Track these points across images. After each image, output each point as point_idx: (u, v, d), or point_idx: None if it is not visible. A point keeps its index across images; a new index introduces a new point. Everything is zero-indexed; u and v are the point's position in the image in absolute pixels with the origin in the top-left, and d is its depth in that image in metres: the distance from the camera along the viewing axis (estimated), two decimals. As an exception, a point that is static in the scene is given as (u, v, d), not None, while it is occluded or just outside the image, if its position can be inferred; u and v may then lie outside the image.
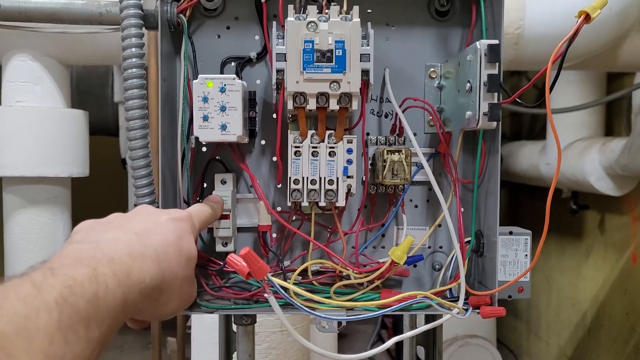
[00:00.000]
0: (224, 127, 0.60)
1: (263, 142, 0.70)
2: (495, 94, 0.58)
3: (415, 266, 0.72)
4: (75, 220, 1.61)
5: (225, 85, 0.60)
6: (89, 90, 2.52)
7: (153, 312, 0.47)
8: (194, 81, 0.60)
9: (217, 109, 0.60)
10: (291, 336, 1.36)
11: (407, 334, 0.60)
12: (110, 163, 2.86)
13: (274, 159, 0.70)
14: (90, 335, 0.35)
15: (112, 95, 2.52)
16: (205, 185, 0.68)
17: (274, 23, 0.63)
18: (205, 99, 0.60)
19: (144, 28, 0.63)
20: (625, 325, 2.20)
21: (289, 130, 0.63)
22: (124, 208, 0.65)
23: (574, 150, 2.12)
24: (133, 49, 0.60)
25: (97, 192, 2.97)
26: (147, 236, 0.45)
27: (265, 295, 0.50)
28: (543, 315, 2.83)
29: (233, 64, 0.69)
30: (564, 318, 2.64)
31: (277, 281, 0.50)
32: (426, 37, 0.70)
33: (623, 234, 2.21)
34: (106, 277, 0.38)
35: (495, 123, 0.58)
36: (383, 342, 3.14)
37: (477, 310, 0.63)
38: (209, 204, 0.61)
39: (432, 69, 0.70)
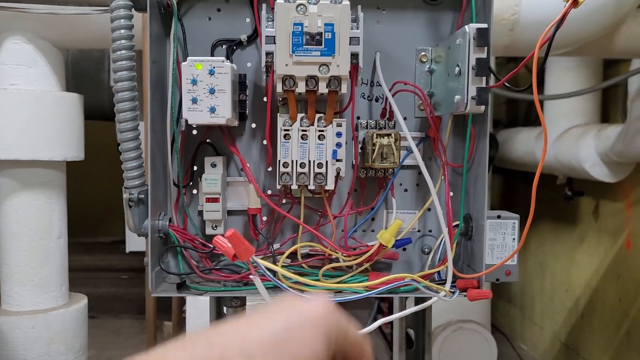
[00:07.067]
0: (213, 110, 0.60)
1: (254, 125, 0.70)
2: (484, 78, 0.58)
3: (404, 249, 0.72)
4: (71, 204, 1.61)
5: (214, 67, 0.60)
6: (84, 74, 2.51)
7: None
8: (183, 63, 0.60)
9: (206, 92, 0.60)
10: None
11: (393, 316, 0.60)
12: (106, 147, 2.86)
13: (264, 142, 0.70)
14: None
15: (108, 79, 2.52)
16: (195, 168, 0.69)
17: (264, 5, 0.63)
18: (194, 82, 0.60)
19: (133, 10, 0.63)
20: (617, 310, 2.22)
21: (278, 114, 0.64)
22: (119, 192, 0.65)
23: (569, 137, 2.12)
24: (122, 31, 0.60)
25: (92, 176, 2.97)
26: None
27: (251, 276, 0.51)
28: (537, 300, 2.86)
29: (224, 46, 0.69)
30: (557, 303, 2.66)
31: (263, 263, 0.51)
32: (417, 21, 0.70)
33: (617, 220, 2.22)
34: None
35: (483, 107, 0.59)
36: (380, 327, 3.16)
37: (464, 293, 0.63)
38: None
39: (422, 53, 0.70)
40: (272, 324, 0.31)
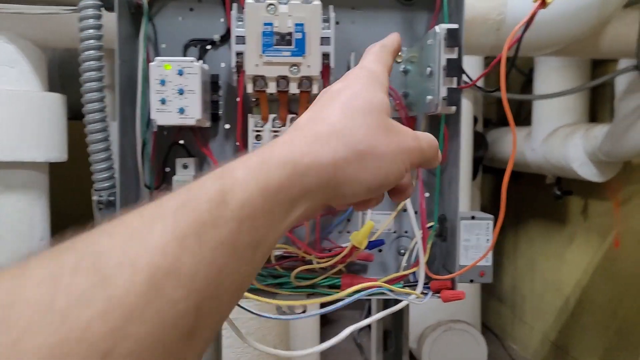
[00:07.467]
0: (182, 111, 0.60)
1: (227, 126, 0.69)
2: (455, 78, 0.57)
3: (380, 250, 0.72)
4: (53, 206, 1.60)
5: (183, 68, 0.59)
6: (72, 74, 2.49)
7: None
8: (151, 64, 0.60)
9: (175, 92, 0.59)
10: (269, 322, 1.36)
11: (362, 323, 0.60)
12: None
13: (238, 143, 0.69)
14: (218, 237, 0.29)
15: (96, 79, 2.49)
16: (167, 169, 0.68)
17: (235, 5, 0.62)
18: (162, 82, 0.59)
19: (103, 10, 0.62)
20: (607, 309, 2.23)
21: (249, 115, 0.63)
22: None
23: (557, 137, 2.13)
24: (90, 31, 0.59)
25: (77, 178, 2.95)
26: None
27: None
28: (527, 299, 2.86)
29: (197, 46, 0.68)
30: (547, 303, 2.67)
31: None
32: (392, 21, 0.70)
33: (606, 220, 2.23)
34: (235, 170, 0.33)
35: (454, 108, 0.58)
36: (370, 328, 3.14)
37: (438, 295, 0.63)
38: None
39: (398, 53, 0.69)
40: (334, 114, 0.39)
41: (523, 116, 2.72)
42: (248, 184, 0.32)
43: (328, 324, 2.78)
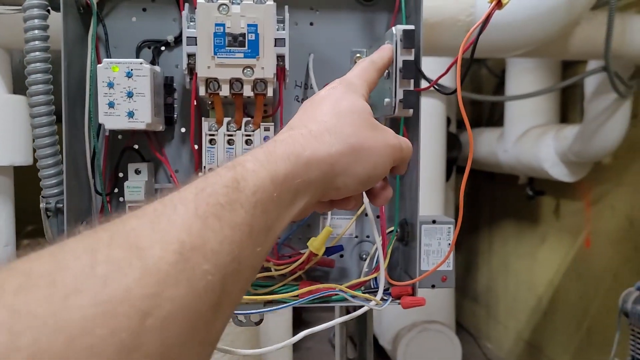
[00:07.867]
0: (131, 115, 0.57)
1: (183, 129, 0.67)
2: (411, 80, 0.56)
3: (342, 256, 0.71)
4: (19, 210, 1.56)
5: (132, 70, 0.57)
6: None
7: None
8: (99, 66, 0.57)
9: (124, 95, 0.57)
10: (237, 327, 1.34)
11: (317, 328, 0.58)
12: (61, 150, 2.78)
13: (197, 146, 0.67)
14: (236, 219, 0.32)
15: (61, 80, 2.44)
16: (121, 175, 0.66)
17: (187, 5, 0.60)
18: (110, 85, 0.57)
19: (50, 10, 0.60)
20: (578, 308, 2.25)
21: (203, 118, 0.61)
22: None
23: (529, 137, 2.14)
24: (36, 32, 0.57)
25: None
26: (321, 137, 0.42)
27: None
28: (501, 299, 2.88)
29: (151, 48, 0.66)
30: (521, 302, 2.69)
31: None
32: (352, 22, 0.68)
33: (577, 219, 2.25)
34: (245, 162, 0.36)
35: (411, 110, 0.57)
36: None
37: (398, 301, 0.62)
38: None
39: (357, 55, 0.68)
40: (323, 115, 0.44)
41: (496, 117, 2.73)
42: (258, 172, 0.35)
43: (303, 326, 2.75)
